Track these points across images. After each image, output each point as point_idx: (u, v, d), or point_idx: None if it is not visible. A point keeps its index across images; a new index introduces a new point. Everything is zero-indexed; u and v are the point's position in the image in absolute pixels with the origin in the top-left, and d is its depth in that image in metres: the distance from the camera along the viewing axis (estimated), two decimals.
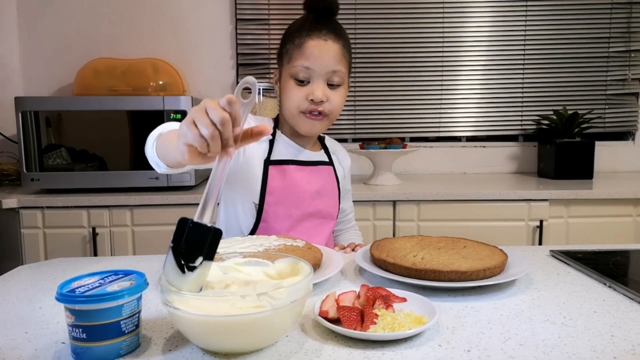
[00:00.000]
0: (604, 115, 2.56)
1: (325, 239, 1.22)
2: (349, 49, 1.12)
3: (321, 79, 1.07)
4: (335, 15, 1.12)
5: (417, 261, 0.84)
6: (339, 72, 1.08)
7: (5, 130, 2.34)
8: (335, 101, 1.09)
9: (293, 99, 1.08)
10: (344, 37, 1.10)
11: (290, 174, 1.14)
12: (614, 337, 0.66)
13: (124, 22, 2.43)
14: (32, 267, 1.02)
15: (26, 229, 1.90)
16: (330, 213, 1.23)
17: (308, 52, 1.05)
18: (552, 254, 1.05)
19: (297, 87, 1.08)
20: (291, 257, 0.73)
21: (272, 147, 1.14)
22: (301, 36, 1.07)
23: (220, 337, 0.60)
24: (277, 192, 1.12)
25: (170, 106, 1.94)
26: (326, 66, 1.06)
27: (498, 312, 0.74)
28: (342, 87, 1.11)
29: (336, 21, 1.12)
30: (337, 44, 1.07)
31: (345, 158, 1.33)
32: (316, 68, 1.06)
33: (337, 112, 1.13)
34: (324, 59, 1.06)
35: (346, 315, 0.66)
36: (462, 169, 2.59)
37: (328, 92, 1.08)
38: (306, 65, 1.06)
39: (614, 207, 1.97)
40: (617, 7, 2.50)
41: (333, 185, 1.23)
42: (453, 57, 2.52)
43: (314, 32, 1.06)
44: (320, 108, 1.08)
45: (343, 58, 1.08)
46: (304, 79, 1.07)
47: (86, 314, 0.57)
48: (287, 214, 1.14)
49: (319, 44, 1.05)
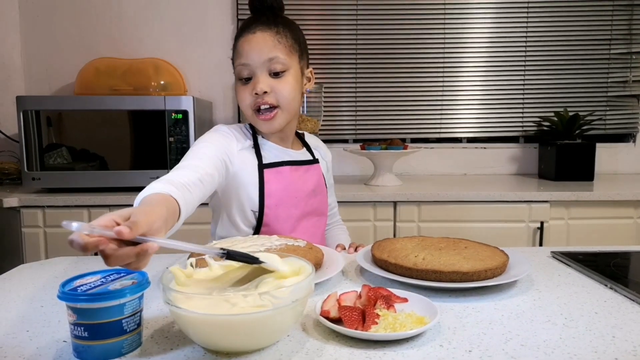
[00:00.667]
0: (605, 117, 2.56)
1: (322, 236, 1.24)
2: (290, 34, 1.09)
3: (260, 71, 1.06)
4: (272, 13, 1.11)
5: (418, 261, 0.84)
6: (277, 58, 1.05)
7: (6, 129, 2.34)
8: (281, 89, 1.06)
9: (242, 99, 1.09)
10: (279, 25, 1.07)
11: (286, 174, 1.14)
12: (615, 338, 0.66)
13: (126, 22, 2.44)
14: (33, 266, 1.02)
15: (27, 228, 1.90)
16: (323, 210, 1.25)
17: (240, 50, 1.06)
18: (553, 255, 1.05)
19: (243, 87, 1.08)
20: (293, 257, 0.73)
21: (259, 152, 1.14)
22: (235, 40, 1.09)
23: (221, 336, 0.60)
24: (276, 194, 1.12)
25: (172, 106, 1.94)
26: (259, 56, 1.04)
27: (499, 312, 0.74)
28: (287, 73, 1.07)
29: (274, 16, 1.10)
30: (266, 32, 1.05)
31: (327, 152, 1.33)
32: (251, 62, 1.05)
33: (290, 101, 1.09)
34: (255, 51, 1.05)
35: (347, 315, 0.66)
36: (463, 170, 2.59)
37: (272, 82, 1.06)
38: (242, 62, 1.06)
39: (614, 209, 1.97)
40: (618, 9, 2.50)
41: (322, 182, 1.25)
42: (454, 58, 2.52)
43: (244, 30, 1.07)
44: (265, 100, 1.06)
45: (278, 43, 1.05)
46: (247, 77, 1.07)
47: (88, 312, 0.57)
48: (288, 214, 1.14)
49: (247, 38, 1.06)
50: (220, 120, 2.51)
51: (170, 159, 1.95)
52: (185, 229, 0.99)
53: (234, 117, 2.52)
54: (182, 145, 1.96)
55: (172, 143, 1.96)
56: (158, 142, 1.96)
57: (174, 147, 1.96)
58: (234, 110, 2.51)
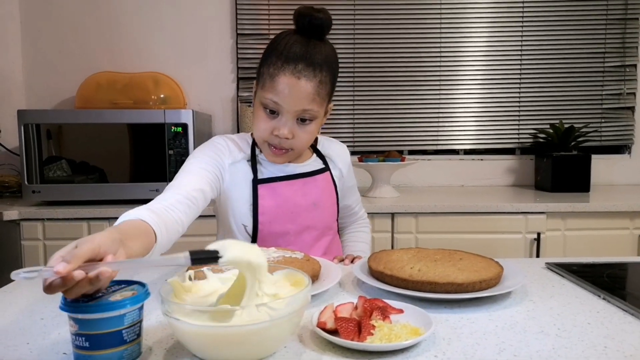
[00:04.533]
0: (600, 128, 2.59)
1: (322, 250, 1.21)
2: (329, 79, 1.05)
3: (290, 115, 1.03)
4: (323, 36, 1.06)
5: (414, 273, 0.85)
6: (310, 111, 1.04)
7: (7, 142, 2.36)
8: (301, 138, 1.07)
9: (260, 128, 1.07)
10: (323, 68, 1.02)
11: (281, 190, 1.13)
12: (607, 348, 0.67)
13: (126, 36, 2.47)
14: (33, 279, 1.03)
15: (27, 241, 1.91)
16: (328, 225, 1.22)
17: (279, 88, 1.01)
18: (547, 266, 1.06)
19: (266, 117, 1.05)
20: (290, 269, 0.74)
21: (255, 166, 1.13)
22: (276, 66, 1.01)
23: (219, 348, 0.61)
24: (269, 212, 1.11)
25: (171, 119, 1.96)
26: (295, 105, 1.02)
27: (493, 323, 0.76)
28: (313, 122, 1.07)
29: (322, 45, 1.05)
30: (310, 82, 1.01)
31: (342, 156, 1.28)
32: (285, 106, 1.02)
33: (305, 146, 1.11)
34: (293, 99, 1.01)
35: (344, 326, 0.67)
36: (460, 181, 2.60)
37: (295, 129, 1.05)
38: (275, 100, 1.02)
39: (610, 220, 1.98)
40: (611, 23, 2.54)
41: (331, 193, 1.21)
42: (450, 71, 2.56)
43: (289, 65, 1.00)
44: (284, 145, 1.07)
45: (316, 96, 1.03)
46: (273, 111, 1.04)
47: (89, 322, 0.58)
48: (283, 230, 1.13)
49: (291, 82, 1.00)
50: (219, 133, 2.51)
51: (170, 171, 1.97)
52: (187, 240, 1.00)
53: (232, 130, 2.54)
54: (182, 158, 1.97)
55: (171, 156, 1.98)
56: (158, 155, 1.97)
57: (173, 160, 1.98)
58: (233, 123, 2.54)
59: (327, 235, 1.22)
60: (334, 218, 1.24)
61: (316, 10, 1.03)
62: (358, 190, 1.40)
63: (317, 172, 1.19)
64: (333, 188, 1.22)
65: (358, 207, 1.38)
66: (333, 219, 1.24)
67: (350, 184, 1.31)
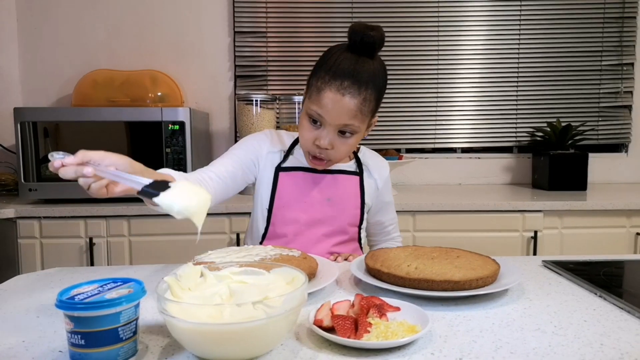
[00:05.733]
0: (597, 127, 2.59)
1: (330, 247, 1.20)
2: (374, 97, 1.07)
3: (332, 127, 1.07)
4: (374, 53, 1.08)
5: (410, 271, 0.85)
6: (351, 126, 1.07)
7: (3, 140, 2.35)
8: (340, 149, 1.11)
9: (304, 136, 1.12)
10: (369, 86, 1.05)
11: (299, 179, 1.20)
12: (603, 345, 0.67)
13: (123, 34, 2.46)
14: (29, 277, 1.03)
15: (23, 239, 1.90)
16: (342, 226, 1.21)
17: (324, 102, 1.04)
18: (544, 264, 1.07)
19: (309, 126, 1.10)
20: (286, 267, 0.74)
21: (286, 157, 1.22)
22: (324, 80, 1.05)
23: (215, 346, 0.60)
24: (284, 197, 1.19)
25: (168, 117, 1.96)
26: (337, 119, 1.05)
27: (490, 321, 0.76)
28: (353, 136, 1.10)
29: (371, 62, 1.07)
30: (354, 100, 1.04)
31: (381, 168, 1.29)
32: (328, 118, 1.06)
33: (343, 157, 1.16)
34: (336, 113, 1.05)
35: (340, 323, 0.67)
36: (457, 180, 2.61)
37: (336, 141, 1.09)
38: (319, 112, 1.06)
39: (607, 219, 1.99)
40: (609, 21, 2.55)
41: (354, 196, 1.22)
42: (448, 69, 2.56)
43: (336, 81, 1.03)
44: (323, 155, 1.11)
45: (359, 113, 1.05)
46: (317, 121, 1.08)
47: (85, 320, 0.58)
48: (294, 217, 1.18)
49: (335, 97, 1.03)
50: (216, 132, 2.53)
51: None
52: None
53: (230, 128, 2.54)
54: (179, 156, 1.97)
55: (168, 154, 1.97)
56: (155, 153, 1.97)
57: (170, 158, 1.97)
58: (230, 121, 2.53)
59: (340, 236, 1.22)
60: (353, 223, 1.23)
61: (370, 28, 1.06)
62: None
63: (343, 173, 1.22)
64: (359, 193, 1.23)
65: (392, 227, 1.36)
66: (351, 222, 1.23)
67: (386, 200, 1.31)
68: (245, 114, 2.17)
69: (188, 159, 1.98)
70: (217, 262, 0.81)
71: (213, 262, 0.82)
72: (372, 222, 1.32)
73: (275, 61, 2.50)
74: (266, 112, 2.19)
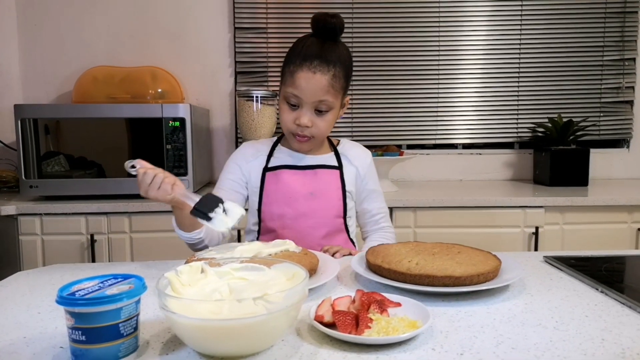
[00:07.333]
0: (599, 122, 2.58)
1: (319, 239, 1.24)
2: (342, 74, 1.18)
3: (309, 106, 1.17)
4: (336, 37, 1.20)
5: (411, 266, 0.85)
6: (326, 102, 1.17)
7: (4, 137, 2.35)
8: (320, 126, 1.20)
9: (284, 120, 1.22)
10: (337, 64, 1.16)
11: (283, 177, 1.27)
12: (605, 340, 0.67)
13: (123, 31, 2.45)
14: (30, 273, 1.03)
15: (24, 236, 1.90)
16: (327, 217, 1.27)
17: (297, 82, 1.15)
18: (545, 260, 1.06)
19: (288, 110, 1.20)
20: (287, 263, 0.74)
21: (269, 158, 1.30)
22: (295, 64, 1.16)
23: (216, 341, 0.60)
24: (271, 194, 1.27)
25: (169, 114, 1.96)
26: (312, 97, 1.16)
27: (491, 316, 0.76)
28: (330, 112, 1.20)
29: (335, 46, 1.19)
30: (325, 76, 1.15)
31: (360, 157, 1.35)
32: (303, 97, 1.16)
33: (324, 133, 1.24)
34: (310, 91, 1.15)
35: (341, 319, 0.67)
36: (459, 176, 2.60)
37: (315, 119, 1.19)
38: (295, 93, 1.16)
39: (609, 214, 1.98)
40: (610, 17, 2.53)
41: (335, 188, 1.28)
42: (449, 65, 2.55)
43: (306, 62, 1.15)
44: (305, 132, 1.20)
45: (331, 88, 1.16)
46: (294, 104, 1.19)
47: (86, 316, 0.58)
48: (280, 213, 1.25)
49: (307, 76, 1.14)
50: (217, 128, 2.53)
51: (168, 166, 1.96)
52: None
53: (231, 124, 2.53)
54: (180, 152, 1.97)
55: (169, 150, 1.97)
56: (155, 149, 1.97)
57: (171, 154, 1.97)
58: (231, 117, 2.53)
59: (326, 228, 1.27)
60: (337, 214, 1.28)
61: (330, 15, 1.20)
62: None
63: (323, 167, 1.29)
64: (340, 185, 1.29)
65: (380, 216, 1.37)
66: (335, 214, 1.28)
67: (370, 188, 1.35)
68: (246, 110, 2.17)
69: (188, 155, 1.98)
70: (218, 258, 0.81)
71: (214, 258, 0.82)
72: (359, 211, 1.37)
73: (275, 57, 2.49)
74: (267, 108, 2.18)
